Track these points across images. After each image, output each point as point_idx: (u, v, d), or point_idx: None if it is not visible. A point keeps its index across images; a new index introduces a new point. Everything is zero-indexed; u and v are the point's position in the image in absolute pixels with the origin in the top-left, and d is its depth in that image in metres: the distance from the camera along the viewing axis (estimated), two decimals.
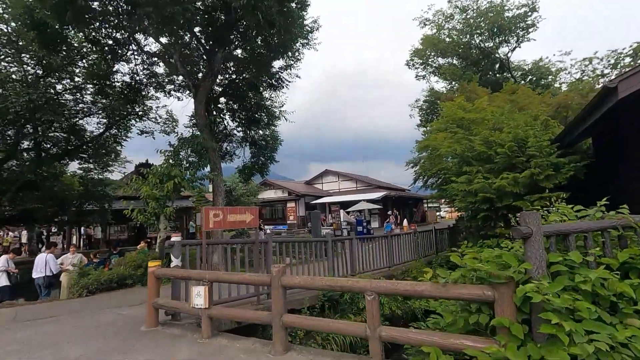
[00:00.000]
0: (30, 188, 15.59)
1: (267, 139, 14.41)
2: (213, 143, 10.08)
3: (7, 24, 11.76)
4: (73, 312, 6.03)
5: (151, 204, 8.63)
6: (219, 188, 10.75)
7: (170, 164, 9.34)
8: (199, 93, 10.58)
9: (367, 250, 10.08)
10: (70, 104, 15.16)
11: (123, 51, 11.94)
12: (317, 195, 33.16)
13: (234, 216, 6.07)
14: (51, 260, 8.85)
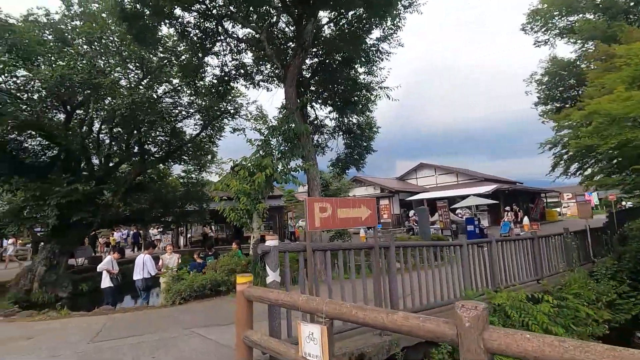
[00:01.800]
0: (139, 190, 16.55)
1: (363, 127, 12.61)
2: (306, 126, 8.63)
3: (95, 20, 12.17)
4: (158, 329, 4.99)
5: (242, 199, 7.50)
6: (315, 181, 9.28)
7: (261, 155, 8.16)
8: (289, 73, 9.28)
9: (509, 257, 7.54)
10: (170, 107, 15.64)
11: (212, 43, 11.42)
12: (412, 191, 30.24)
13: (346, 211, 4.31)
14: (149, 262, 8.39)
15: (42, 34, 12.45)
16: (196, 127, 16.89)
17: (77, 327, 5.34)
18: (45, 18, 12.80)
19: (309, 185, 9.36)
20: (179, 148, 16.34)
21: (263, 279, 8.19)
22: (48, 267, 12.75)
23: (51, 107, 13.35)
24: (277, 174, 7.74)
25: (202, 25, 10.68)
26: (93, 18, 12.48)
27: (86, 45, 13.36)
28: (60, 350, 4.25)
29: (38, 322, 5.96)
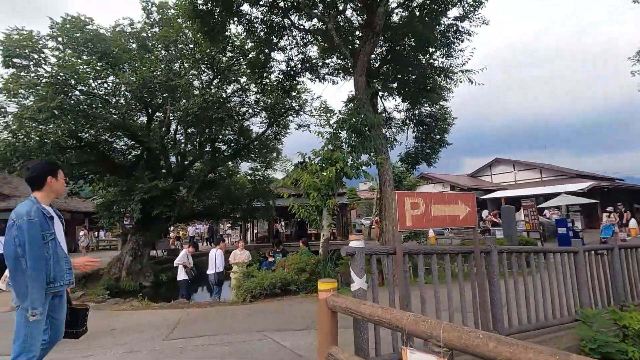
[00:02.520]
0: (210, 187, 17.31)
1: (437, 117, 11.55)
2: (379, 116, 7.97)
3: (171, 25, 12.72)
4: (231, 330, 4.76)
5: (312, 195, 7.10)
6: (387, 176, 8.59)
7: (330, 149, 7.69)
8: (359, 61, 8.69)
9: (635, 267, 6.12)
10: (238, 106, 16.08)
11: (278, 37, 11.30)
12: (486, 189, 27.69)
13: (441, 208, 3.61)
14: (219, 257, 8.46)
15: (127, 43, 13.49)
16: (262, 125, 17.20)
17: (155, 321, 5.37)
18: (129, 27, 13.87)
19: (381, 181, 8.68)
20: (246, 146, 16.73)
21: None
22: (134, 258, 13.83)
23: (135, 109, 14.47)
24: (347, 168, 7.20)
25: (269, 20, 10.59)
26: (170, 23, 13.17)
27: (164, 51, 14.21)
28: (137, 346, 4.21)
29: (122, 312, 6.20)
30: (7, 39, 9.61)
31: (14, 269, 2.36)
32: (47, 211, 2.60)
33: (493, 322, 4.07)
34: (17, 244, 2.36)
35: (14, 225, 2.40)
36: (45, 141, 11.35)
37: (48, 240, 2.51)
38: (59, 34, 11.19)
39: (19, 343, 2.42)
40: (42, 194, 2.65)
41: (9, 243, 2.38)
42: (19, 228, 2.38)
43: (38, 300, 2.37)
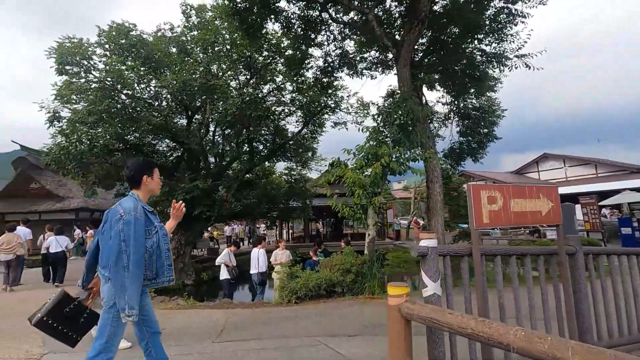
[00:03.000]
0: (248, 186, 17.45)
1: (485, 109, 10.83)
2: (426, 108, 7.48)
3: (209, 27, 12.85)
4: (280, 334, 4.54)
5: (357, 192, 6.76)
6: (435, 172, 8.07)
7: (373, 144, 7.31)
8: (403, 51, 8.24)
9: None
10: (274, 105, 16.07)
11: (315, 33, 11.08)
12: None
13: (521, 203, 3.15)
14: (262, 256, 8.33)
15: (168, 47, 13.85)
16: (298, 124, 17.09)
17: (202, 321, 5.27)
18: (170, 32, 14.26)
19: (428, 178, 8.18)
20: (282, 146, 16.68)
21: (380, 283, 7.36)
22: (176, 256, 14.15)
23: (175, 112, 14.86)
24: (393, 163, 6.79)
25: (306, 16, 10.38)
26: (208, 26, 13.36)
27: (202, 53, 14.48)
28: (188, 348, 4.08)
29: (170, 311, 6.18)
30: (60, 47, 10.10)
31: (116, 264, 2.31)
32: (148, 207, 2.66)
33: (579, 333, 3.54)
34: (122, 239, 2.33)
35: (120, 219, 2.37)
36: (95, 144, 11.87)
37: (152, 235, 2.55)
38: (106, 41, 11.65)
39: (102, 342, 2.35)
40: (140, 192, 2.66)
41: (114, 237, 2.34)
42: (126, 223, 2.36)
43: (135, 298, 2.32)
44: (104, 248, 2.44)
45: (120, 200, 2.60)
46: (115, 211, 2.46)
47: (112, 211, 2.50)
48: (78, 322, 2.57)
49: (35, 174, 19.41)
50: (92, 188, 14.04)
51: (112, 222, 2.41)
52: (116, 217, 2.40)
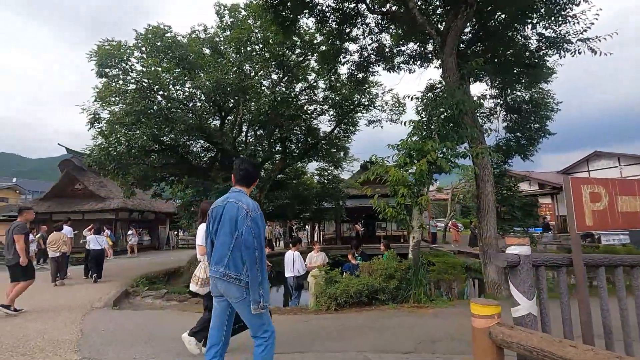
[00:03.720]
0: (280, 187, 17.27)
1: (539, 102, 9.92)
2: (476, 101, 6.81)
3: (242, 26, 12.74)
4: (324, 348, 4.09)
5: (401, 191, 6.21)
6: (486, 170, 7.36)
7: (416, 139, 6.72)
8: (449, 39, 7.60)
9: None
10: (306, 105, 15.78)
11: (351, 26, 10.64)
12: None
13: (630, 201, 2.52)
14: (297, 259, 7.96)
15: (202, 48, 13.92)
16: (330, 124, 16.71)
17: None
18: (203, 33, 14.35)
19: (478, 176, 7.46)
20: (314, 145, 16.35)
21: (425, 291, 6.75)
22: None
23: (209, 112, 14.93)
24: (441, 160, 6.18)
25: (341, 8, 9.96)
26: (241, 25, 13.29)
27: (235, 54, 14.45)
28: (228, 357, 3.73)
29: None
30: (100, 49, 10.31)
31: (252, 261, 2.33)
32: None
33: None
34: (253, 235, 2.34)
35: (247, 216, 2.36)
36: (132, 145, 12.08)
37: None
38: (142, 44, 11.83)
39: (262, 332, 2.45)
40: (247, 191, 2.67)
41: (246, 234, 2.33)
42: (253, 220, 2.36)
43: (267, 291, 2.42)
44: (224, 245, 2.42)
45: (231, 196, 2.54)
46: (236, 207, 2.41)
47: (229, 207, 2.45)
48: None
49: (79, 175, 20.32)
50: (131, 189, 14.35)
51: (238, 219, 2.37)
52: (242, 213, 2.36)
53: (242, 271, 2.39)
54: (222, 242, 2.43)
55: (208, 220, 2.60)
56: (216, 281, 2.47)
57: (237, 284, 2.38)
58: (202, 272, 3.59)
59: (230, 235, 2.39)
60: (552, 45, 7.51)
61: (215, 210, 2.54)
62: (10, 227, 6.04)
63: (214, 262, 2.48)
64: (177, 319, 5.64)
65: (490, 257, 6.91)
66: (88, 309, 6.46)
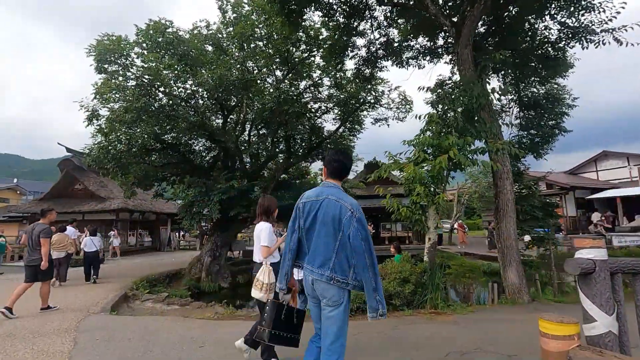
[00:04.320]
0: (284, 187, 16.88)
1: (557, 97, 9.54)
2: (498, 93, 6.42)
3: (246, 21, 12.42)
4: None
5: (418, 189, 5.82)
6: (505, 167, 6.96)
7: (429, 135, 6.33)
8: (464, 30, 7.23)
9: None
10: (310, 103, 15.42)
11: (359, 19, 10.28)
12: (591, 187, 23.55)
13: None
14: None
15: (204, 45, 13.57)
16: (335, 122, 16.34)
17: None
18: (206, 29, 14.00)
19: (497, 174, 7.07)
20: (319, 145, 15.98)
21: (442, 296, 6.36)
22: (212, 258, 13.79)
23: (212, 111, 14.58)
24: (460, 156, 5.79)
25: (349, 0, 9.60)
26: (245, 20, 12.95)
27: (238, 51, 14.10)
28: None
29: (207, 322, 5.54)
30: (99, 44, 9.97)
31: (364, 265, 2.17)
32: None
33: None
34: (361, 239, 2.18)
35: (352, 217, 2.19)
36: (132, 144, 11.74)
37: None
38: (143, 40, 11.48)
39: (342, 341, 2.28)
40: (340, 185, 2.47)
41: (354, 237, 2.17)
42: (359, 221, 2.20)
43: (382, 297, 2.22)
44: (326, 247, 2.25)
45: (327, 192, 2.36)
46: (338, 206, 2.25)
47: (329, 204, 2.28)
48: (293, 322, 2.69)
49: (79, 175, 19.99)
50: (132, 189, 14.00)
51: (343, 220, 2.20)
52: (346, 214, 2.20)
53: (348, 275, 2.24)
54: (323, 243, 2.26)
55: (297, 215, 2.43)
56: (316, 283, 2.30)
57: (342, 287, 2.24)
58: (266, 276, 3.27)
59: (334, 237, 2.23)
60: (574, 36, 7.11)
61: (309, 205, 2.37)
62: (35, 229, 6.10)
63: (316, 264, 2.30)
64: (179, 326, 5.25)
65: (511, 259, 6.52)
66: (84, 314, 6.08)
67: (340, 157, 2.48)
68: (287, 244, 2.46)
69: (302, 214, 2.39)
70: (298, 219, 2.41)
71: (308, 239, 2.35)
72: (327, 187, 2.42)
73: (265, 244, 3.40)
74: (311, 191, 2.48)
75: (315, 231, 2.30)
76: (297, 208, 2.45)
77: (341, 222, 2.19)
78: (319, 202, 2.33)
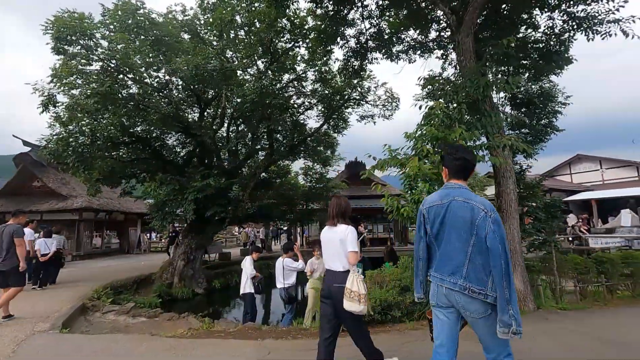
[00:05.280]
0: (264, 186, 16.04)
1: (552, 94, 9.28)
2: (506, 82, 5.92)
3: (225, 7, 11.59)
4: None
5: (421, 186, 5.23)
6: (508, 165, 6.51)
7: (426, 129, 5.75)
8: (466, 17, 6.72)
9: None
10: (293, 98, 14.68)
11: (348, 9, 9.65)
12: (566, 189, 24.12)
13: None
14: (287, 267, 6.80)
15: (180, 32, 12.52)
16: (318, 119, 15.67)
17: None
18: (182, 15, 12.96)
19: (498, 173, 6.60)
20: (302, 142, 15.25)
21: None
22: (186, 262, 12.75)
23: (187, 103, 13.53)
24: None
25: None
26: (224, 4, 12.05)
27: (216, 40, 13.17)
28: None
29: (179, 340, 4.67)
30: (58, 20, 8.79)
31: (500, 272, 1.96)
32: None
33: None
34: (499, 241, 1.98)
35: (487, 217, 2.04)
36: (97, 136, 10.58)
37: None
38: (110, 21, 10.35)
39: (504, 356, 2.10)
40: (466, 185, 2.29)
41: (492, 240, 1.98)
42: (496, 222, 2.04)
43: (517, 311, 1.96)
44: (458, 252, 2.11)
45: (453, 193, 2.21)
46: (469, 207, 2.10)
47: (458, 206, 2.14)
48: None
49: (37, 171, 18.24)
50: (96, 186, 12.71)
51: (476, 222, 2.05)
52: (480, 215, 2.06)
53: (486, 285, 2.05)
54: (454, 248, 2.12)
55: (422, 222, 2.33)
56: (450, 293, 2.15)
57: (482, 299, 2.05)
58: (361, 285, 2.93)
59: (466, 241, 2.08)
60: (579, 27, 6.77)
61: (433, 210, 2.25)
62: (5, 230, 5.81)
63: (446, 272, 2.18)
64: (145, 349, 4.38)
65: (515, 264, 6.04)
66: (27, 332, 5.06)
67: (462, 155, 2.30)
68: (416, 252, 2.36)
69: (428, 220, 2.27)
70: (424, 225, 2.30)
71: (437, 245, 2.23)
72: (452, 189, 2.26)
73: (355, 249, 3.07)
74: (433, 195, 2.33)
75: (444, 237, 2.16)
76: (421, 214, 2.33)
77: (474, 225, 2.04)
78: (444, 206, 2.19)
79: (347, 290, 2.90)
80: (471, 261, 2.06)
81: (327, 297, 3.10)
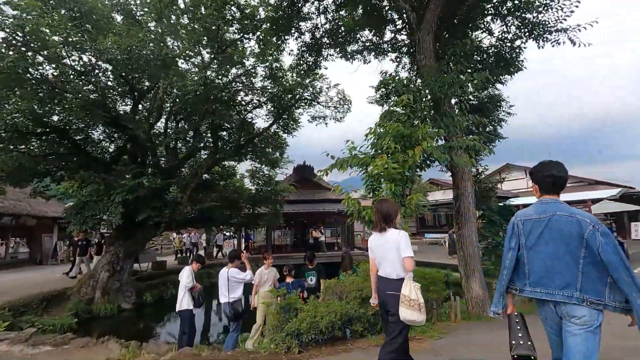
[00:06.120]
0: (207, 188, 14.78)
1: (496, 101, 9.61)
2: (472, 82, 5.77)
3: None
4: None
5: (387, 186, 4.79)
6: (467, 166, 6.40)
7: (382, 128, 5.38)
8: (427, 15, 6.54)
9: None
10: (241, 94, 13.72)
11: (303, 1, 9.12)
12: (499, 196, 25.97)
13: None
14: (233, 278, 5.94)
15: (110, 13, 10.94)
16: (268, 119, 14.85)
17: None
18: None
19: (457, 175, 6.47)
20: (249, 142, 14.31)
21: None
22: (111, 274, 11.09)
23: (118, 93, 11.90)
24: (434, 149, 4.94)
25: None
26: None
27: (154, 25, 11.79)
28: None
29: None
30: None
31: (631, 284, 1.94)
32: None
33: None
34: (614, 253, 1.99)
35: (595, 231, 2.02)
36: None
37: None
38: None
39: None
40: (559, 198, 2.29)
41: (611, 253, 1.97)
42: (606, 235, 2.03)
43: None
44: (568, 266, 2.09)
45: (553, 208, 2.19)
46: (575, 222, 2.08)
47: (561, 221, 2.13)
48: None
49: None
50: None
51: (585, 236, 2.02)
52: (588, 229, 2.03)
53: (604, 295, 2.03)
54: (562, 262, 2.10)
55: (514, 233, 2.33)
56: (559, 306, 2.12)
57: (600, 309, 2.04)
58: (419, 293, 2.81)
59: (574, 255, 2.08)
60: (531, 33, 6.95)
61: (530, 224, 2.24)
62: None
63: (555, 286, 2.13)
64: None
65: (474, 269, 5.90)
66: None
67: (552, 172, 2.28)
68: (504, 262, 2.37)
69: (522, 232, 2.29)
70: (517, 237, 2.32)
71: (530, 258, 2.25)
72: (549, 204, 2.25)
73: (410, 254, 2.95)
74: (528, 209, 2.33)
75: (541, 250, 2.19)
76: (515, 225, 2.35)
77: (582, 239, 2.04)
78: (543, 221, 2.21)
79: (406, 299, 2.76)
80: (584, 274, 2.05)
81: (381, 305, 3.10)
